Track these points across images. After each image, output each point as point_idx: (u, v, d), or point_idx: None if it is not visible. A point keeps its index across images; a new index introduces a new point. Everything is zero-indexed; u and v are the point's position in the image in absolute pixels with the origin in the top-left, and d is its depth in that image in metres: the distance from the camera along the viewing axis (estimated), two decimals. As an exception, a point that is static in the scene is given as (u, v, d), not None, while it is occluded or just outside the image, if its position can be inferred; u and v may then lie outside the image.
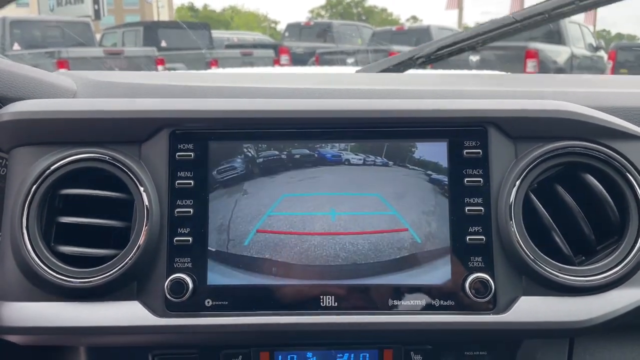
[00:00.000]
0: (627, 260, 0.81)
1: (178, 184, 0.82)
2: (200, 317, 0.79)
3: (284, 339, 0.85)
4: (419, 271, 0.81)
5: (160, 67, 11.02)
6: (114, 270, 0.78)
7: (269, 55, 13.34)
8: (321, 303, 0.80)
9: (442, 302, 0.80)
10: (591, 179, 0.83)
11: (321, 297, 0.80)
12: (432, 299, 0.80)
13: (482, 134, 0.83)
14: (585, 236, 0.83)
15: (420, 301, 0.80)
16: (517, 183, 0.82)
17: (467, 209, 0.82)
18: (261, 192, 0.82)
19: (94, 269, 0.78)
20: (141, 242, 0.79)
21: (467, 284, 0.79)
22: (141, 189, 0.80)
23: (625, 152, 0.84)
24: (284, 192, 0.82)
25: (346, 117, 0.83)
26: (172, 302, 0.79)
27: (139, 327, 0.79)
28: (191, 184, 0.82)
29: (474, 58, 10.99)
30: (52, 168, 0.80)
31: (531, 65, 10.66)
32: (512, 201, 0.81)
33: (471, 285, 0.79)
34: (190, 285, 0.79)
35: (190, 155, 0.82)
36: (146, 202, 0.80)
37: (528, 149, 0.84)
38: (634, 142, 0.85)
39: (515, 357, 0.91)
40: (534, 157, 0.83)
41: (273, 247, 0.81)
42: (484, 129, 0.84)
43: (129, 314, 0.79)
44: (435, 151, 0.83)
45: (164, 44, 12.83)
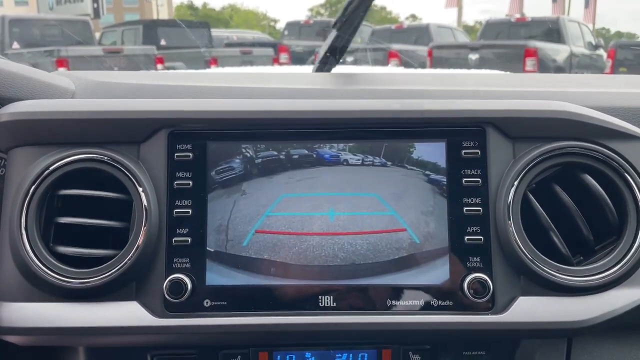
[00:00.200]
0: (625, 260, 0.81)
1: (177, 184, 0.82)
2: (199, 318, 0.79)
3: (283, 339, 0.85)
4: (417, 271, 0.81)
5: (159, 66, 11.01)
6: (112, 271, 0.78)
7: (269, 53, 13.32)
8: (320, 303, 0.80)
9: (440, 302, 0.80)
10: (589, 179, 0.83)
11: (320, 297, 0.80)
12: (430, 299, 0.81)
13: (480, 134, 0.84)
14: (583, 236, 0.83)
15: (418, 301, 0.81)
16: (516, 183, 0.82)
17: (465, 209, 0.82)
18: (260, 193, 0.82)
19: (92, 269, 0.78)
20: (140, 242, 0.79)
21: (466, 284, 0.79)
22: (140, 189, 0.80)
23: (623, 153, 0.84)
24: (282, 192, 0.82)
25: (345, 118, 0.83)
26: (171, 302, 0.79)
27: (138, 328, 0.79)
28: (190, 184, 0.82)
29: (473, 57, 11.00)
30: (51, 168, 0.80)
31: (530, 63, 10.66)
32: (510, 201, 0.81)
33: (469, 285, 0.79)
34: (189, 286, 0.79)
35: (189, 156, 0.82)
36: (145, 202, 0.80)
37: (526, 149, 0.84)
38: (632, 142, 0.85)
39: (514, 357, 0.92)
40: (532, 157, 0.83)
41: (272, 248, 0.81)
42: (482, 129, 0.84)
43: (128, 314, 0.79)
44: (433, 151, 0.83)
45: (163, 42, 12.82)
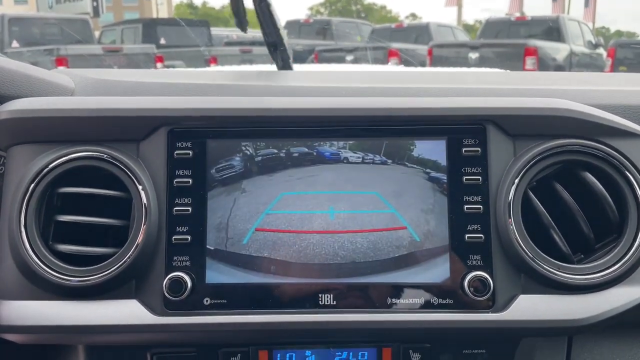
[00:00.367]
0: (626, 258, 0.81)
1: (176, 182, 0.82)
2: (199, 316, 0.79)
3: (283, 337, 0.85)
4: (417, 269, 0.81)
5: (159, 65, 11.00)
6: (112, 269, 0.78)
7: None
8: (320, 301, 0.80)
9: (440, 300, 0.80)
10: (590, 177, 0.83)
11: (320, 295, 0.80)
12: (430, 297, 0.80)
13: (480, 131, 0.83)
14: (584, 234, 0.83)
15: (419, 299, 0.80)
16: (516, 181, 0.82)
17: (465, 207, 0.82)
18: (260, 191, 0.82)
19: (92, 267, 0.78)
20: (139, 240, 0.78)
21: (466, 282, 0.79)
22: (139, 187, 0.80)
23: (624, 150, 0.84)
24: (282, 190, 0.82)
25: (345, 115, 0.83)
26: (171, 300, 0.79)
27: (138, 326, 0.78)
28: (189, 182, 0.82)
29: (473, 56, 10.99)
30: (50, 166, 0.80)
31: (530, 62, 10.65)
32: (510, 199, 0.81)
33: (470, 283, 0.79)
34: (189, 284, 0.78)
35: (189, 154, 0.82)
36: (144, 200, 0.80)
37: (527, 147, 0.84)
38: (632, 140, 0.85)
39: (514, 355, 0.92)
40: (532, 155, 0.83)
41: (272, 246, 0.81)
42: (482, 126, 0.83)
43: (128, 312, 0.79)
44: (434, 149, 0.83)
45: (163, 41, 12.80)
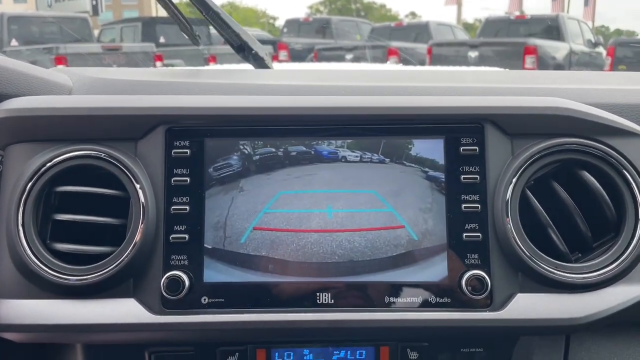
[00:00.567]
0: (624, 257, 0.81)
1: (174, 181, 0.82)
2: (197, 315, 0.79)
3: (281, 336, 0.85)
4: (415, 268, 0.81)
5: (158, 63, 10.99)
6: (110, 268, 0.78)
7: (268, 51, 13.26)
8: (317, 300, 0.80)
9: (438, 299, 0.80)
10: (588, 176, 0.83)
11: (318, 294, 0.80)
12: (428, 296, 0.80)
13: (478, 130, 0.83)
14: (581, 233, 0.83)
15: (416, 298, 0.81)
16: (514, 180, 0.82)
17: (463, 206, 0.82)
18: (257, 190, 0.82)
19: (90, 266, 0.78)
20: (137, 239, 0.78)
21: (464, 281, 0.79)
22: (137, 186, 0.80)
23: (622, 149, 0.84)
24: (280, 189, 0.82)
25: (343, 114, 0.83)
26: (169, 299, 0.79)
27: (136, 325, 0.78)
28: (187, 181, 0.82)
29: (472, 54, 10.99)
30: (48, 165, 0.80)
31: (530, 61, 10.65)
32: (508, 198, 0.81)
33: (467, 282, 0.79)
34: (187, 283, 0.78)
35: (187, 153, 0.82)
36: (142, 199, 0.80)
37: (525, 146, 0.84)
38: (630, 139, 0.85)
39: (512, 354, 0.92)
40: (530, 154, 0.83)
41: (269, 245, 0.81)
42: (480, 125, 0.83)
43: (126, 311, 0.79)
44: (431, 148, 0.83)
45: (162, 39, 12.78)
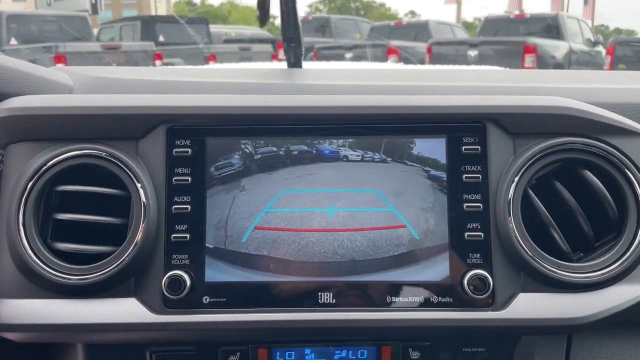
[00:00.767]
0: (626, 256, 0.81)
1: (175, 180, 0.81)
2: (198, 314, 0.79)
3: (282, 335, 0.84)
4: (417, 268, 0.81)
5: (158, 62, 10.97)
6: (111, 267, 0.78)
7: (267, 50, 13.28)
8: (319, 300, 0.80)
9: (440, 298, 0.80)
10: (590, 175, 0.83)
11: (319, 293, 0.80)
12: (430, 295, 0.80)
13: (480, 130, 0.83)
14: (583, 233, 0.83)
15: (418, 297, 0.80)
16: (516, 179, 0.82)
17: (465, 205, 0.82)
18: (259, 189, 0.82)
19: (91, 265, 0.78)
20: (138, 238, 0.78)
21: (466, 281, 0.79)
22: (138, 185, 0.80)
23: (624, 149, 0.83)
24: (282, 188, 0.82)
25: (344, 113, 0.83)
26: (170, 299, 0.78)
27: (137, 324, 0.78)
28: (188, 180, 0.81)
29: (472, 53, 10.98)
30: (49, 164, 0.80)
31: (529, 60, 10.64)
32: (510, 197, 0.81)
33: (469, 281, 0.79)
34: (188, 282, 0.78)
35: (188, 152, 0.82)
36: (143, 198, 0.79)
37: (527, 145, 0.84)
38: (632, 138, 0.85)
39: (514, 354, 0.92)
40: (532, 153, 0.82)
41: (271, 244, 0.81)
42: (482, 125, 0.83)
43: (127, 311, 0.78)
44: (433, 147, 0.83)
45: (161, 38, 12.76)
